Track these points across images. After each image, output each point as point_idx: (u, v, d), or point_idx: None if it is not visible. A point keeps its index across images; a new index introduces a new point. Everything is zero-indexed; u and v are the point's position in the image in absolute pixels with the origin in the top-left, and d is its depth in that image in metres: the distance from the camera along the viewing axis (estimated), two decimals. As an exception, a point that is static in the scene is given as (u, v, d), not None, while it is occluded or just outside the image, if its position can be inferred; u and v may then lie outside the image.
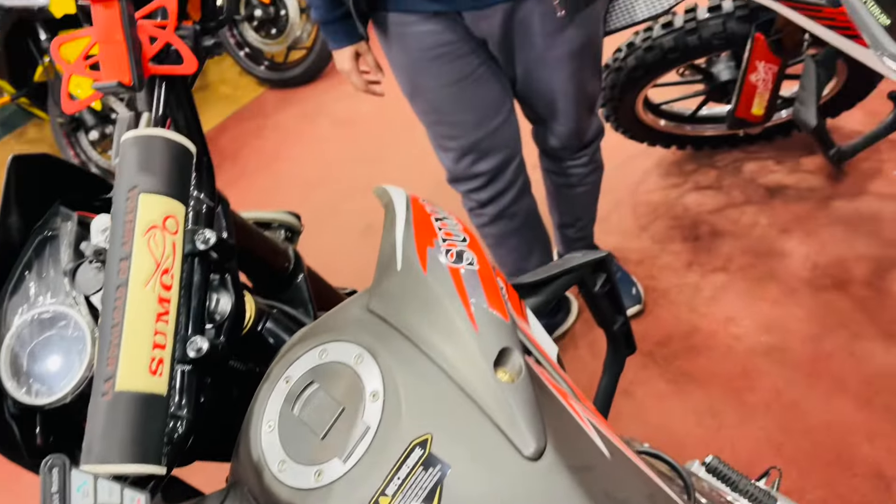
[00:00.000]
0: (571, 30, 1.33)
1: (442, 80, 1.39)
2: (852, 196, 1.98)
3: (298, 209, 2.98)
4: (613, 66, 1.86)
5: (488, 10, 1.29)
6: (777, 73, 1.64)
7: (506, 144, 1.50)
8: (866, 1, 0.90)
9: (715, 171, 2.22)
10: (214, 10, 0.66)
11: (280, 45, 3.31)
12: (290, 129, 3.26)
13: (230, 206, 0.76)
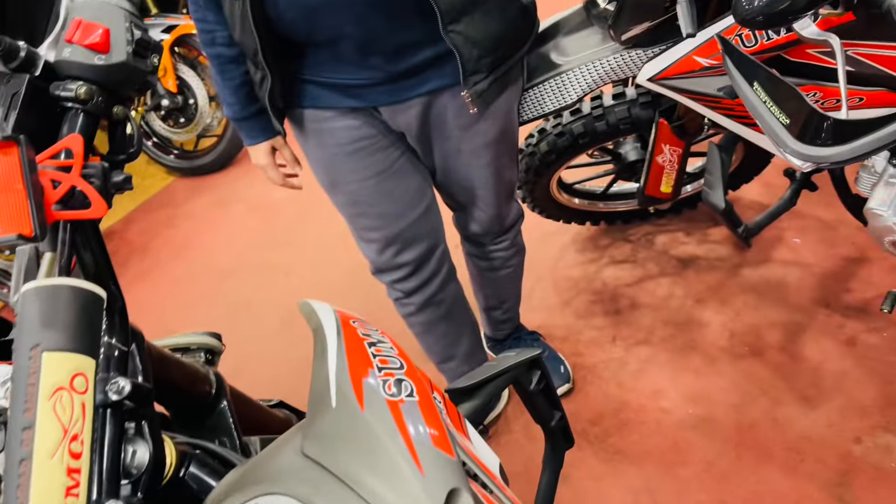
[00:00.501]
0: (486, 122, 1.36)
1: (361, 173, 1.39)
2: (758, 264, 2.07)
3: (213, 300, 2.89)
4: (527, 152, 1.90)
5: (404, 105, 1.30)
6: (682, 154, 1.72)
7: (428, 233, 1.50)
8: (766, 101, 0.95)
9: (629, 244, 2.29)
10: (124, 143, 0.63)
11: (189, 134, 3.25)
12: (203, 217, 3.17)
13: (145, 341, 0.71)
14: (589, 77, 1.48)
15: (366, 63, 1.22)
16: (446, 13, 1.14)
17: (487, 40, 1.19)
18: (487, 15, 1.18)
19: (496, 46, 1.21)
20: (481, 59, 1.20)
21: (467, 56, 1.18)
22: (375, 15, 1.14)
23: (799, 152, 0.91)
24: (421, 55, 1.22)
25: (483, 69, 1.21)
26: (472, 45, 1.18)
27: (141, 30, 0.67)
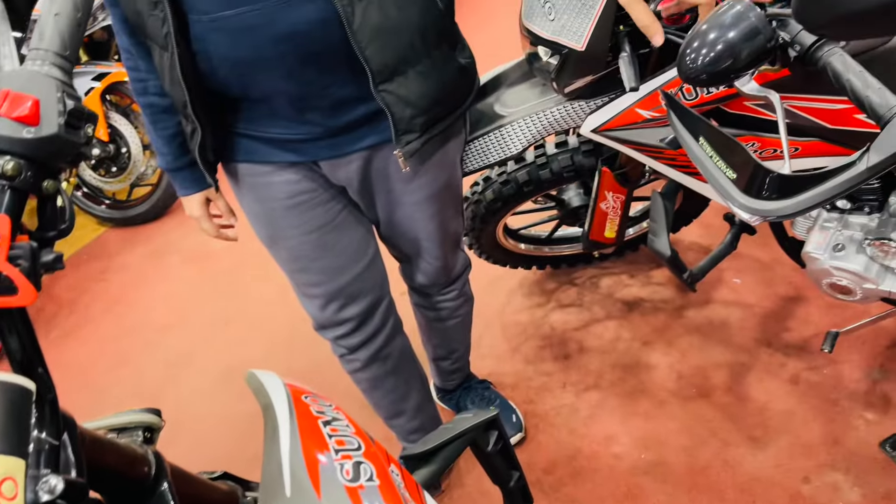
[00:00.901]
0: (428, 175, 1.34)
1: (302, 228, 1.35)
2: (701, 305, 2.11)
3: (149, 357, 2.76)
4: (473, 199, 1.90)
5: (345, 159, 1.28)
6: (624, 201, 1.75)
7: (372, 287, 1.46)
8: (712, 156, 0.96)
9: (575, 288, 2.30)
10: (55, 218, 0.58)
11: (122, 183, 3.14)
12: (137, 269, 3.05)
13: (77, 427, 0.65)
14: (532, 128, 1.49)
15: (302, 118, 1.20)
16: (378, 73, 1.12)
17: (421, 100, 1.17)
18: (421, 75, 1.17)
19: (431, 106, 1.19)
20: (414, 118, 1.18)
21: (399, 115, 1.16)
22: (308, 72, 1.12)
23: (746, 206, 0.92)
24: (359, 111, 1.20)
25: (416, 129, 1.19)
26: (405, 105, 1.16)
27: (74, 99, 0.63)
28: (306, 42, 1.08)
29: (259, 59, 1.09)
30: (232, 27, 1.07)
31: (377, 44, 1.08)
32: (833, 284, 1.45)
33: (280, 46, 1.07)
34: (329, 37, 1.08)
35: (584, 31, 1.19)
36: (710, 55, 0.90)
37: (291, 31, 1.06)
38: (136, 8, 1.11)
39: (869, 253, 1.38)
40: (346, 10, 1.05)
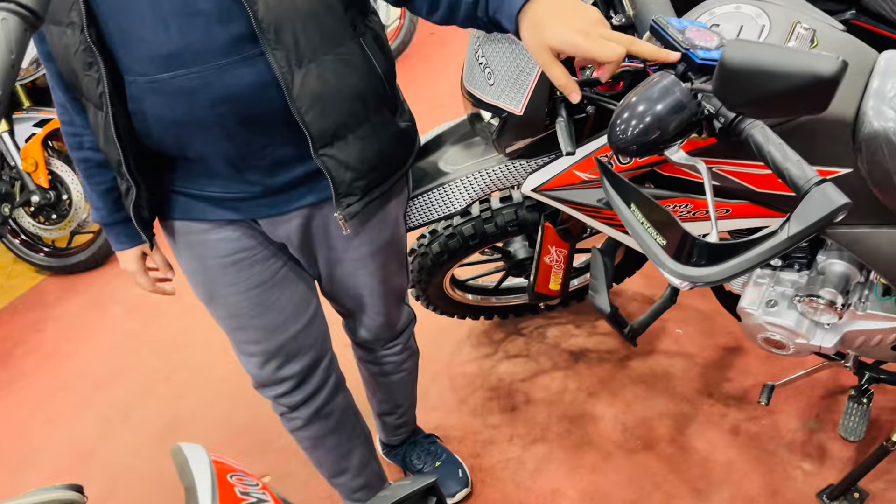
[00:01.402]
0: (370, 232, 1.35)
1: (240, 286, 1.33)
2: (645, 355, 2.14)
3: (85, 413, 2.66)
4: (419, 252, 1.90)
5: (284, 217, 1.27)
6: (567, 254, 1.77)
7: (313, 345, 1.45)
8: (643, 222, 0.99)
9: (522, 338, 2.31)
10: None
11: (63, 231, 3.06)
12: (76, 319, 2.95)
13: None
14: (475, 186, 1.51)
15: (241, 177, 1.20)
16: (317, 137, 1.13)
17: (361, 164, 1.18)
18: (362, 140, 1.18)
19: (371, 169, 1.21)
20: (354, 182, 1.19)
21: (340, 179, 1.17)
22: (247, 133, 1.12)
23: (675, 272, 0.94)
24: (298, 171, 1.21)
25: (356, 192, 1.20)
26: (345, 169, 1.17)
27: None
28: (244, 105, 1.08)
29: (196, 121, 1.09)
30: (168, 89, 1.07)
31: (316, 110, 1.10)
32: (767, 339, 1.49)
33: (217, 109, 1.07)
34: (268, 100, 1.09)
35: (521, 96, 1.22)
36: (638, 127, 0.93)
37: (229, 95, 1.07)
38: (72, 67, 1.10)
39: (800, 309, 1.42)
40: (285, 77, 1.06)
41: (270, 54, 1.05)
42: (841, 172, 1.15)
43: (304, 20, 1.07)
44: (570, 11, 0.97)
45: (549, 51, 0.97)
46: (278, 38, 1.05)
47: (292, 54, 1.07)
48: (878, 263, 1.22)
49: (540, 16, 0.98)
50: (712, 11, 1.19)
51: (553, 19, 0.96)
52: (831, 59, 0.74)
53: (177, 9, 1.02)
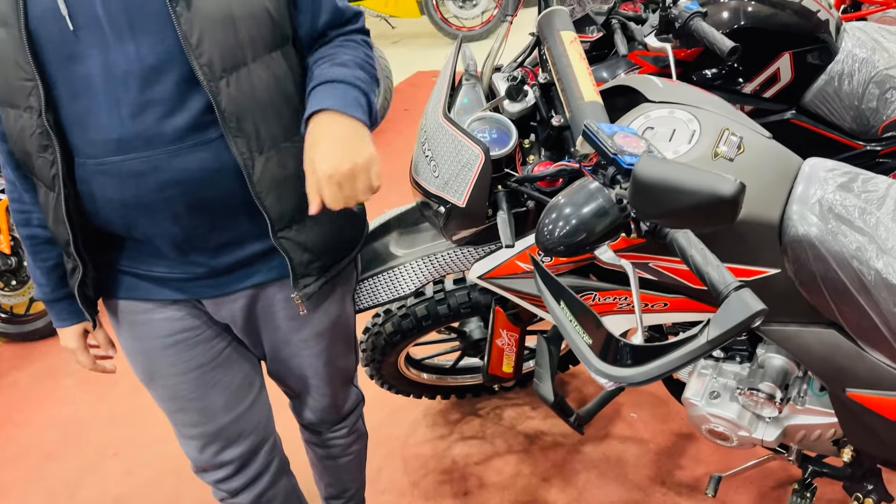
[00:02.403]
0: (317, 314, 1.36)
1: (181, 367, 1.32)
2: (599, 440, 2.13)
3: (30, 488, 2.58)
4: (373, 331, 1.91)
5: (229, 298, 1.28)
6: (518, 338, 1.78)
7: (255, 428, 1.43)
8: (571, 320, 1.01)
9: (478, 419, 2.29)
10: None
11: (22, 297, 3.02)
12: (29, 388, 2.88)
13: None
14: (424, 270, 1.53)
15: (186, 258, 1.21)
16: (276, 220, 1.16)
17: (318, 245, 1.22)
18: (319, 222, 1.22)
19: (327, 251, 1.25)
20: (311, 263, 1.22)
21: (297, 260, 1.20)
22: (198, 216, 1.14)
23: (600, 371, 0.96)
24: (245, 252, 1.23)
25: (313, 272, 1.23)
26: (303, 251, 1.20)
27: None
28: (194, 189, 1.11)
29: (143, 204, 1.11)
30: (118, 172, 1.09)
31: (276, 193, 1.14)
32: (711, 430, 1.49)
33: (165, 192, 1.10)
34: (222, 184, 1.13)
35: (464, 189, 1.25)
36: (564, 229, 0.96)
37: (179, 179, 1.09)
38: (26, 149, 1.12)
39: (741, 402, 1.43)
40: (246, 164, 1.11)
41: (232, 142, 1.09)
42: (770, 273, 1.19)
43: (264, 110, 1.12)
44: (338, 146, 1.07)
45: (310, 164, 1.07)
46: (240, 126, 1.10)
47: (253, 142, 1.11)
48: (810, 361, 1.25)
49: (316, 133, 1.09)
50: (648, 115, 1.25)
51: (321, 143, 1.07)
52: (730, 180, 0.78)
53: (132, 96, 1.06)
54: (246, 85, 1.09)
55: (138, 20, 1.03)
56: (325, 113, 1.09)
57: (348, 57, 1.18)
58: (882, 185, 1.17)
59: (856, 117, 1.77)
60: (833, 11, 1.79)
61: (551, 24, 1.25)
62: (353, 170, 1.06)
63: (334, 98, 1.10)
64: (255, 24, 1.09)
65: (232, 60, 1.07)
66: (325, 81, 1.13)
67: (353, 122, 1.10)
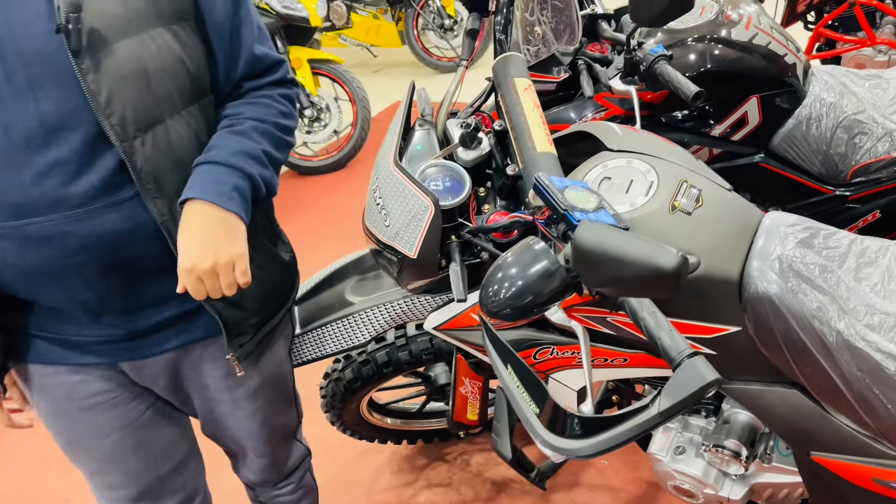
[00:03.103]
0: (250, 371, 1.28)
1: (100, 430, 1.24)
2: (569, 487, 2.06)
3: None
4: (332, 377, 1.84)
5: (151, 360, 1.20)
6: (482, 386, 1.73)
7: (183, 486, 1.34)
8: (519, 386, 0.96)
9: (445, 465, 2.22)
10: None
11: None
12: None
13: None
14: (380, 319, 1.47)
15: (101, 322, 1.13)
16: None
17: (252, 301, 1.16)
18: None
19: (261, 306, 1.19)
20: (246, 320, 1.16)
21: (230, 319, 1.14)
22: (113, 280, 1.07)
23: (548, 443, 0.91)
24: (170, 311, 1.15)
25: (249, 330, 1.17)
26: (235, 308, 1.14)
27: None
28: (109, 252, 1.04)
29: (49, 271, 1.04)
30: (19, 236, 1.01)
31: None
32: (677, 487, 1.44)
33: (74, 258, 1.03)
34: (140, 246, 1.06)
35: (414, 240, 1.20)
36: (511, 291, 0.91)
37: (89, 243, 1.02)
38: None
39: (707, 458, 1.38)
40: (167, 224, 1.04)
41: (151, 203, 1.03)
42: (730, 330, 1.14)
43: (183, 167, 1.06)
44: (204, 240, 1.03)
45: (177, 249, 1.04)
46: (159, 187, 1.03)
47: (173, 201, 1.05)
48: (773, 421, 1.20)
49: (186, 223, 1.04)
50: (605, 164, 1.21)
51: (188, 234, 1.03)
52: (671, 254, 0.73)
53: (33, 157, 0.98)
54: (163, 143, 1.03)
55: (39, 77, 0.95)
56: (197, 202, 1.03)
57: (251, 123, 1.12)
58: (844, 242, 1.13)
59: (824, 162, 1.74)
60: (801, 55, 1.78)
61: (506, 71, 1.21)
62: (214, 268, 1.03)
63: (210, 186, 1.04)
64: (170, 79, 1.03)
65: (147, 118, 1.01)
66: (209, 162, 1.06)
67: (224, 216, 1.05)
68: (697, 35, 1.70)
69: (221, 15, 1.09)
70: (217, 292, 1.03)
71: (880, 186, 1.71)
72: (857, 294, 1.07)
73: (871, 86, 1.77)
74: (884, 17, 3.08)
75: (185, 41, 1.05)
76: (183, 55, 1.04)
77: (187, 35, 1.05)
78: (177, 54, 1.03)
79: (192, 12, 1.07)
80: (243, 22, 1.12)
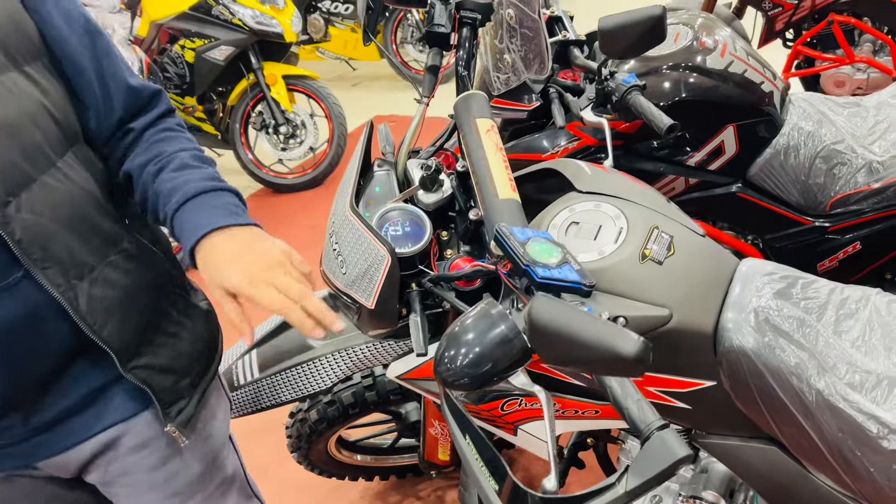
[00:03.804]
0: (187, 452, 1.12)
1: None
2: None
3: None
4: (297, 417, 1.77)
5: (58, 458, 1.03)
6: (452, 428, 1.66)
7: None
8: (478, 459, 0.89)
9: (419, 501, 2.15)
10: None
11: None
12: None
13: None
14: (342, 365, 1.41)
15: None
16: (123, 351, 0.96)
17: (180, 360, 1.05)
18: (172, 335, 1.05)
19: (192, 363, 1.07)
20: (178, 383, 1.04)
21: (161, 387, 1.01)
22: (10, 376, 0.91)
23: (509, 524, 0.84)
24: (82, 395, 1.00)
25: (184, 393, 1.05)
26: (164, 373, 1.02)
27: None
28: (9, 345, 0.90)
29: None
30: None
31: (115, 320, 0.96)
32: (653, 538, 1.38)
33: None
34: (40, 331, 0.92)
35: (371, 290, 1.14)
36: (468, 358, 0.84)
37: None
38: None
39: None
40: (66, 295, 0.91)
41: (41, 275, 0.89)
42: (705, 385, 1.08)
43: (72, 226, 0.93)
44: (244, 256, 0.93)
45: (220, 290, 0.92)
46: (47, 255, 0.89)
47: (70, 268, 0.92)
48: (751, 478, 1.14)
49: (211, 255, 0.94)
50: (572, 208, 1.15)
51: (225, 262, 0.92)
52: (632, 339, 0.67)
53: None
54: (41, 203, 0.89)
55: None
56: (209, 238, 0.94)
57: (184, 155, 1.03)
58: (823, 292, 1.07)
59: (803, 192, 1.69)
60: (778, 82, 1.73)
61: (468, 110, 1.14)
62: (270, 270, 0.92)
63: (212, 214, 0.96)
64: (35, 128, 0.89)
65: (16, 178, 0.87)
66: (187, 199, 0.97)
67: (244, 229, 0.97)
68: (672, 63, 1.65)
69: (77, 49, 0.97)
70: (293, 289, 0.92)
71: (860, 218, 1.66)
72: (837, 350, 1.01)
73: (850, 114, 1.73)
74: (862, 34, 3.06)
75: (39, 82, 0.92)
76: (43, 99, 0.92)
77: (42, 76, 0.93)
78: (35, 98, 0.91)
79: (43, 49, 0.95)
80: (106, 54, 1.01)
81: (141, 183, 1.02)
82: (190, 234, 0.95)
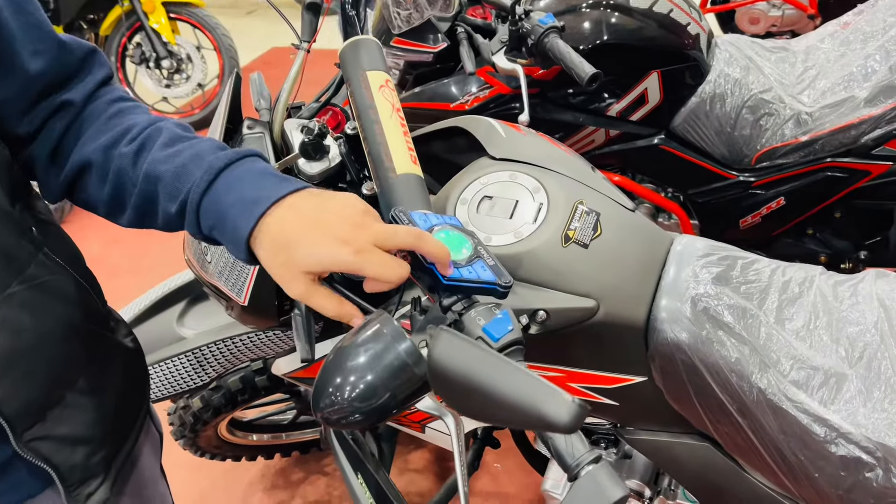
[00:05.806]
0: None
1: None
2: (459, 498, 1.90)
3: None
4: (179, 405, 1.56)
5: None
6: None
7: None
8: (368, 497, 0.73)
9: (325, 478, 2.00)
10: None
11: None
12: None
13: None
14: (220, 358, 1.21)
15: None
16: (18, 419, 0.71)
17: (96, 426, 0.79)
18: (86, 392, 0.78)
19: (112, 425, 0.82)
20: (92, 457, 0.79)
21: (67, 464, 0.76)
22: None
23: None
24: None
25: (98, 471, 0.80)
26: (72, 446, 0.77)
27: None
28: None
29: None
30: None
31: (11, 378, 0.70)
32: (574, 528, 1.28)
33: None
34: None
35: (242, 284, 0.94)
36: (357, 390, 0.66)
37: None
38: None
39: (605, 499, 1.22)
40: None
41: None
42: (635, 381, 0.95)
43: None
44: (322, 218, 0.67)
45: (306, 277, 0.67)
46: None
47: None
48: (681, 476, 1.04)
49: (283, 234, 0.67)
50: (485, 179, 0.97)
51: (302, 235, 0.66)
52: (566, 402, 0.51)
53: None
54: None
55: None
56: (274, 209, 0.67)
57: (167, 125, 0.76)
58: (764, 274, 0.95)
59: (728, 144, 1.58)
60: (704, 23, 1.58)
61: (356, 61, 0.92)
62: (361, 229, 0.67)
63: (260, 184, 0.69)
64: None
65: None
66: (217, 174, 0.69)
67: (301, 194, 0.70)
68: (593, 1, 1.47)
69: None
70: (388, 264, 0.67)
71: (786, 172, 1.57)
72: (780, 342, 0.89)
73: (778, 59, 1.61)
74: (777, -31, 2.96)
75: None
76: None
77: None
78: None
79: None
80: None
81: (112, 171, 0.74)
82: (241, 217, 0.68)
